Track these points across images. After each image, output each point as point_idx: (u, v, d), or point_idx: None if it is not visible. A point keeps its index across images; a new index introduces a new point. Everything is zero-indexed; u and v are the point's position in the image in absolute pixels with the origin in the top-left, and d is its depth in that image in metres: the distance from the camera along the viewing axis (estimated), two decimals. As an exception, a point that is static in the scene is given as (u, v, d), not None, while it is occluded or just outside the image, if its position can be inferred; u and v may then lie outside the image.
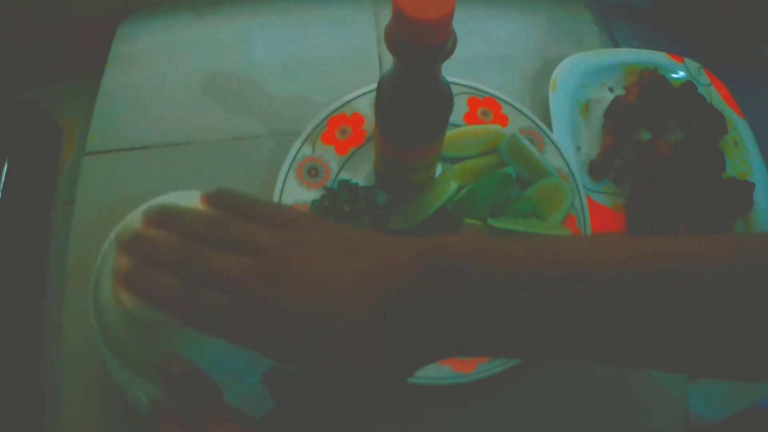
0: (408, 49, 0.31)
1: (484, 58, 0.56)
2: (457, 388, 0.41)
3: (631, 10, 0.62)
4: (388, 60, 0.54)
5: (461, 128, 0.49)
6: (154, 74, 0.54)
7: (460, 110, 0.50)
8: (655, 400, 0.44)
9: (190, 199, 0.30)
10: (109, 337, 0.31)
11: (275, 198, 0.45)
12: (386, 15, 0.57)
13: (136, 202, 0.47)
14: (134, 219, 0.30)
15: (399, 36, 0.30)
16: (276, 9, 0.58)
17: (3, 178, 0.47)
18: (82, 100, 0.55)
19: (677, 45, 0.58)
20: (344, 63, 0.54)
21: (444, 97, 0.37)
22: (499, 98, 0.49)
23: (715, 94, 0.55)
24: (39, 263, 0.49)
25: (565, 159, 0.47)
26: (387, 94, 0.37)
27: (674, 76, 0.55)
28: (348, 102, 0.48)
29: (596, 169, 0.50)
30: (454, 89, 0.49)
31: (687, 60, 0.56)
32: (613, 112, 0.51)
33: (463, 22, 0.58)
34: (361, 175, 0.48)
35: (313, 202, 0.46)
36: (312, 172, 0.47)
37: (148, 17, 0.57)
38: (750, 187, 0.49)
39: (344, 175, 0.47)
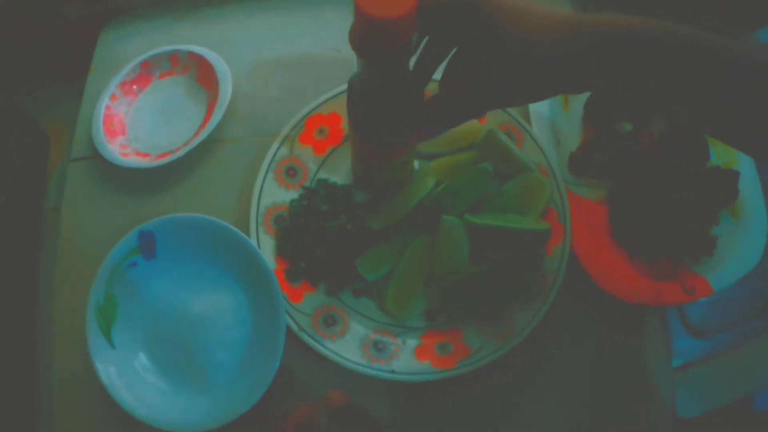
0: (373, 50, 0.31)
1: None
2: (442, 384, 0.41)
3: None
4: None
5: (439, 125, 0.49)
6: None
7: (438, 107, 0.49)
8: (643, 394, 0.44)
9: None
10: None
11: (254, 199, 0.46)
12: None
13: (123, 208, 0.48)
14: None
15: (363, 36, 0.30)
16: (254, 11, 0.58)
17: (-8, 187, 0.48)
18: (67, 106, 0.56)
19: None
20: (323, 63, 0.54)
21: (414, 93, 0.37)
22: (477, 93, 0.49)
23: (700, 82, 0.54)
24: (29, 270, 0.50)
25: (543, 153, 0.47)
26: (357, 93, 0.37)
27: (657, 65, 0.54)
28: (325, 101, 0.48)
29: (576, 163, 0.50)
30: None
31: (671, 49, 0.55)
32: (593, 103, 0.51)
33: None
34: (339, 174, 0.48)
35: (292, 202, 0.46)
36: (290, 172, 0.47)
37: (130, 23, 0.58)
38: (735, 175, 0.49)
39: (322, 175, 0.48)
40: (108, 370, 0.40)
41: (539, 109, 0.50)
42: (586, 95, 0.52)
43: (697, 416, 0.46)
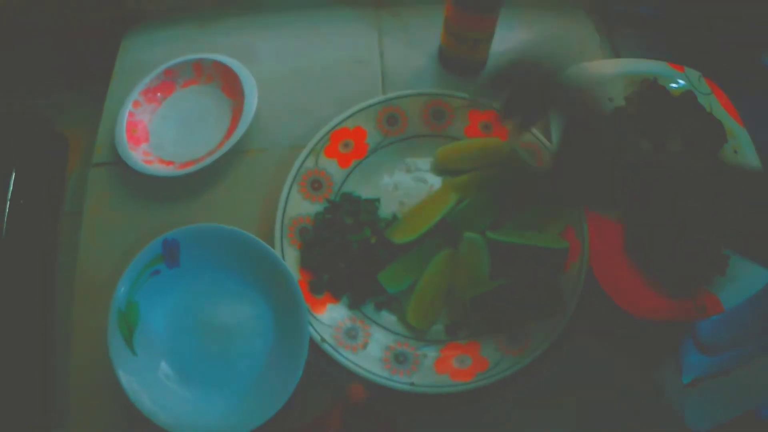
0: None
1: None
2: (458, 395, 0.42)
3: (637, 18, 0.62)
4: (390, 73, 0.54)
5: (462, 141, 0.50)
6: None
7: (461, 123, 0.50)
8: (654, 409, 0.45)
9: None
10: None
11: (279, 210, 0.46)
12: (388, 29, 0.57)
13: (144, 215, 0.49)
14: None
15: None
16: (279, 22, 0.58)
17: (11, 189, 0.48)
18: (86, 111, 0.56)
19: (680, 53, 0.58)
20: (347, 76, 0.55)
21: None
22: (500, 111, 0.50)
23: (715, 102, 0.55)
24: (47, 273, 0.50)
25: (564, 171, 0.48)
26: None
27: (674, 85, 0.55)
28: (350, 116, 0.49)
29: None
30: (455, 102, 0.50)
31: (687, 69, 0.56)
32: (612, 123, 0.52)
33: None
34: (363, 187, 0.48)
35: (317, 215, 0.47)
36: (315, 185, 0.48)
37: (152, 29, 0.58)
38: (748, 196, 0.50)
39: (347, 188, 0.48)
40: (129, 377, 0.40)
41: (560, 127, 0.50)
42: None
43: (706, 431, 0.47)
